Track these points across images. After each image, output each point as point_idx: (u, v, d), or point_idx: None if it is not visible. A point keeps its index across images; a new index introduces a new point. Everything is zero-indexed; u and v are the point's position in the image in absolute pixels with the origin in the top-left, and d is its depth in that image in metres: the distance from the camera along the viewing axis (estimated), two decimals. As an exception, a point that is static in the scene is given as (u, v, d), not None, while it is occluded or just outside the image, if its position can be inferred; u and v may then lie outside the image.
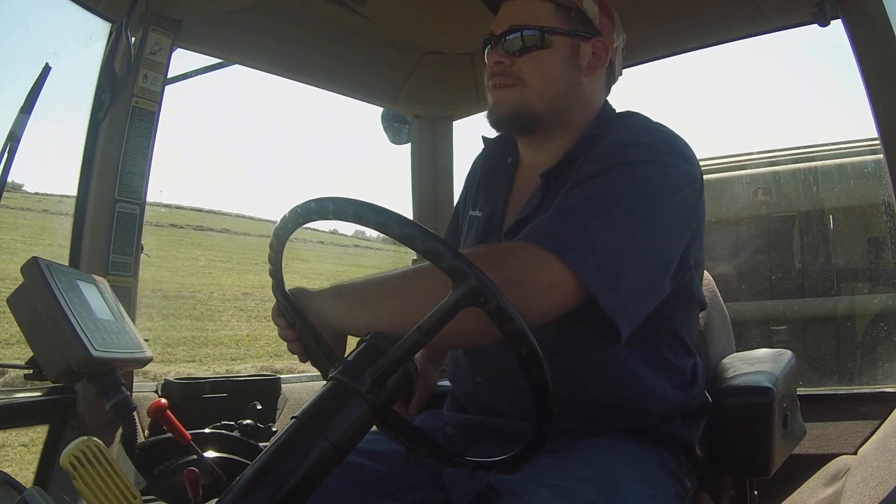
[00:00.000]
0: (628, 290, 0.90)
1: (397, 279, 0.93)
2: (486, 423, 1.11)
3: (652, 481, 0.96)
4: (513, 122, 1.13)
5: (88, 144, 1.56)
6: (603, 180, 0.96)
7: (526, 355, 0.69)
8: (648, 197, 0.95)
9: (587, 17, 1.13)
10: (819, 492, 1.42)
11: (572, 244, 0.87)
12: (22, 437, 4.59)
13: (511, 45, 1.10)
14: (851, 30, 1.41)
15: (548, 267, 0.85)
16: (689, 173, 1.02)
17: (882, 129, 1.40)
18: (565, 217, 0.92)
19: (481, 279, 0.67)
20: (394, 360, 0.73)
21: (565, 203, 0.95)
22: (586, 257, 0.86)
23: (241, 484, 0.69)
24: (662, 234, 0.96)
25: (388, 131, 2.27)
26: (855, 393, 1.71)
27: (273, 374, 1.93)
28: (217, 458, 1.38)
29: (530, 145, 1.20)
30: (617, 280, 0.88)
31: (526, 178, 1.19)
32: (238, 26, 1.70)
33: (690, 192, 1.01)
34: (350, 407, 0.73)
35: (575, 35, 1.11)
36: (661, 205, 0.96)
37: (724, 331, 1.46)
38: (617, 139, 1.03)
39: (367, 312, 0.90)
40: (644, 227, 0.93)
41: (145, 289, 13.23)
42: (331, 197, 0.76)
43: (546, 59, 1.10)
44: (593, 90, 1.16)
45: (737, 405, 1.15)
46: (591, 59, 1.13)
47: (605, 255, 0.88)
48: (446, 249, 0.69)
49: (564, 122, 1.13)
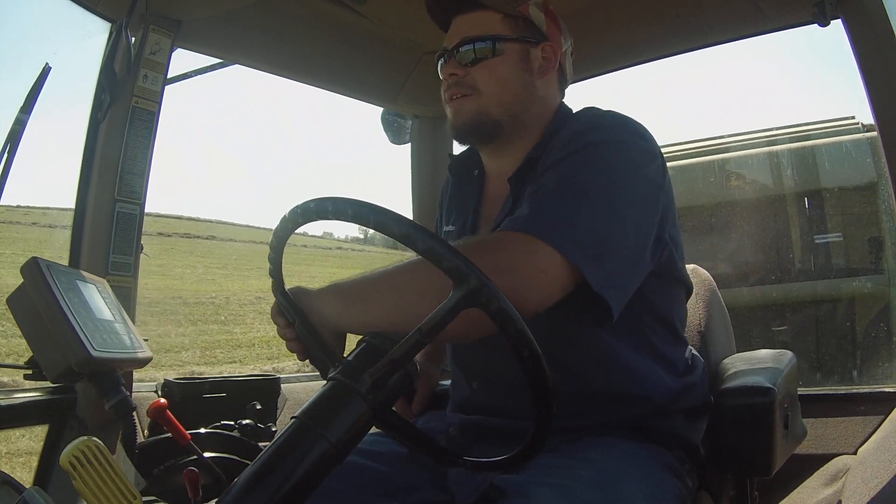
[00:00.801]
0: (612, 266, 0.93)
1: (393, 274, 0.93)
2: (487, 422, 1.11)
3: (654, 481, 0.96)
4: (473, 131, 1.16)
5: (88, 144, 1.56)
6: (569, 164, 0.99)
7: (527, 357, 0.69)
8: (614, 176, 0.98)
9: (534, 24, 1.17)
10: (819, 491, 1.42)
11: (553, 226, 0.89)
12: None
13: (464, 57, 1.14)
14: (851, 30, 1.41)
15: (537, 251, 0.87)
16: (649, 150, 1.05)
17: (882, 129, 1.40)
18: (542, 202, 0.95)
19: (482, 280, 0.67)
20: (394, 361, 0.73)
21: (539, 190, 0.98)
22: (568, 237, 0.89)
23: (241, 484, 0.69)
24: (634, 209, 0.98)
25: (388, 131, 2.26)
26: (855, 393, 1.71)
27: (273, 374, 1.93)
28: (217, 458, 1.38)
29: (493, 154, 1.22)
30: (600, 257, 0.91)
31: (494, 187, 1.22)
32: (238, 26, 1.70)
33: (654, 168, 1.03)
34: (350, 407, 0.73)
35: (524, 41, 1.16)
36: (627, 181, 0.99)
37: (725, 331, 1.46)
38: (575, 127, 1.06)
39: (365, 309, 0.91)
40: (615, 203, 0.96)
41: (165, 297, 13.92)
42: (330, 197, 0.76)
43: (498, 66, 1.14)
44: (547, 92, 1.19)
45: (738, 405, 1.15)
46: (542, 63, 1.17)
47: (585, 234, 0.90)
48: (446, 250, 0.69)
49: (523, 125, 1.16)
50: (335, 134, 67.08)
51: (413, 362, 0.77)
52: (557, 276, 0.88)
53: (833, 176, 3.88)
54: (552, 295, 0.89)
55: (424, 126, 2.27)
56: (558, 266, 0.88)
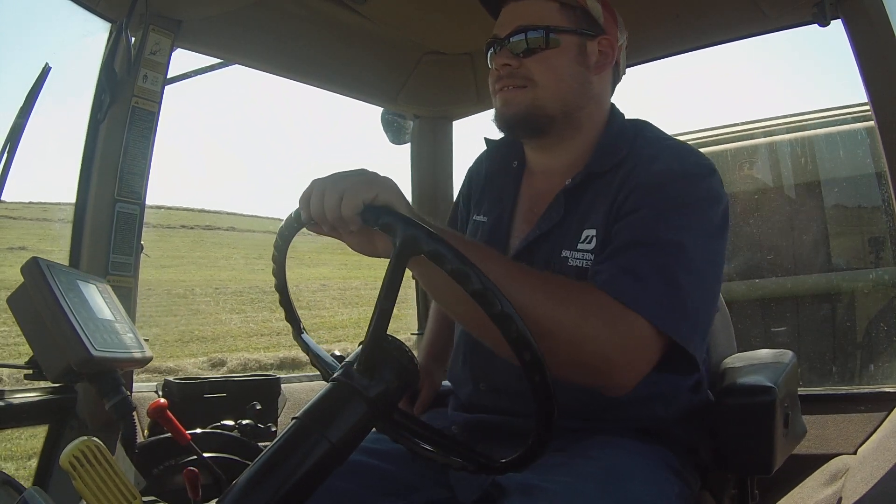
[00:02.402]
0: (705, 331, 0.95)
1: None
2: (491, 421, 1.11)
3: (657, 480, 0.96)
4: (523, 124, 1.10)
5: (88, 144, 1.56)
6: (669, 225, 0.95)
7: (529, 361, 0.68)
8: (710, 243, 0.97)
9: (591, 16, 1.11)
10: (819, 491, 1.42)
11: (662, 307, 0.89)
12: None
13: (517, 47, 1.08)
14: (851, 30, 1.41)
15: (648, 340, 0.88)
16: (723, 191, 1.03)
17: (882, 129, 1.40)
18: (644, 272, 0.91)
19: (486, 284, 0.67)
20: (395, 361, 0.73)
21: (636, 252, 0.93)
22: (682, 320, 0.89)
23: (242, 484, 0.69)
24: (721, 265, 1.00)
25: (388, 131, 2.26)
26: (855, 393, 1.71)
27: (273, 374, 1.93)
28: (217, 459, 1.38)
29: (540, 149, 1.17)
30: (698, 329, 0.92)
31: (536, 184, 1.17)
32: (238, 26, 1.70)
33: (728, 210, 1.03)
34: (351, 408, 0.73)
35: (581, 33, 1.10)
36: (718, 240, 0.99)
37: (726, 331, 1.46)
38: (657, 168, 1.01)
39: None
40: (709, 269, 0.96)
41: (242, 287, 15.11)
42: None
43: (555, 59, 1.08)
44: (602, 90, 1.14)
45: (739, 405, 1.15)
46: (599, 58, 1.12)
47: (694, 314, 0.91)
48: (447, 251, 0.68)
49: (575, 124, 1.11)
50: (334, 134, 67.21)
51: (414, 362, 0.77)
52: (660, 355, 0.90)
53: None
54: (647, 371, 0.90)
55: (424, 126, 2.27)
56: (665, 346, 0.89)
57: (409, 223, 0.71)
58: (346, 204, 0.76)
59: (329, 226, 0.81)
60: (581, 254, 1.03)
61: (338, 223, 0.79)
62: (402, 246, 0.70)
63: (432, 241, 0.68)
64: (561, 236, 1.06)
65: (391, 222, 0.72)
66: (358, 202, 0.76)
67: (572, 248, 1.04)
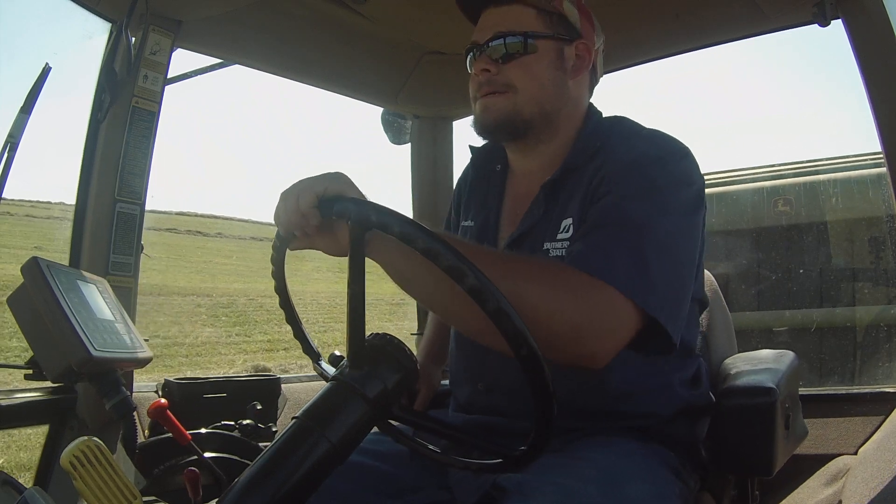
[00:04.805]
0: (680, 308, 0.95)
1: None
2: (490, 422, 1.11)
3: (656, 481, 0.96)
4: (501, 129, 1.13)
5: (88, 144, 1.56)
6: (634, 207, 0.96)
7: (525, 356, 0.68)
8: (679, 220, 0.98)
9: (568, 21, 1.13)
10: (819, 491, 1.42)
11: (631, 278, 0.89)
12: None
13: (495, 52, 1.10)
14: (851, 30, 1.41)
15: (620, 308, 0.88)
16: (695, 175, 1.04)
17: (882, 130, 1.40)
18: (612, 246, 0.93)
19: (481, 280, 0.67)
20: (394, 359, 0.73)
21: (604, 230, 0.96)
22: (650, 292, 0.90)
23: (242, 484, 0.69)
24: (690, 248, 1.00)
25: (388, 131, 2.26)
26: (855, 393, 1.71)
27: (273, 374, 1.93)
28: (217, 459, 1.38)
29: (519, 151, 1.19)
30: (672, 305, 0.93)
31: (518, 185, 1.20)
32: (238, 26, 1.70)
33: (699, 193, 1.03)
34: (351, 408, 0.73)
35: (558, 38, 1.12)
36: (688, 222, 0.99)
37: (726, 331, 1.46)
38: (628, 154, 1.03)
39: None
40: (679, 246, 0.97)
41: (258, 295, 14.60)
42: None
43: (533, 64, 1.10)
44: (579, 93, 1.17)
45: (740, 405, 1.15)
46: (576, 62, 1.14)
47: (664, 288, 0.92)
48: (446, 249, 0.68)
49: (553, 126, 1.13)
50: (334, 134, 67.25)
51: (414, 362, 0.77)
52: (633, 328, 0.90)
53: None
54: (623, 344, 0.90)
55: (424, 126, 2.27)
56: (637, 320, 0.89)
57: (357, 202, 0.76)
58: (302, 201, 0.81)
59: (297, 228, 0.84)
60: (560, 243, 1.05)
61: (301, 222, 0.82)
62: (355, 224, 0.74)
63: (381, 214, 0.72)
64: (542, 231, 1.08)
65: (342, 206, 0.76)
66: (311, 196, 0.81)
67: (553, 240, 1.06)
